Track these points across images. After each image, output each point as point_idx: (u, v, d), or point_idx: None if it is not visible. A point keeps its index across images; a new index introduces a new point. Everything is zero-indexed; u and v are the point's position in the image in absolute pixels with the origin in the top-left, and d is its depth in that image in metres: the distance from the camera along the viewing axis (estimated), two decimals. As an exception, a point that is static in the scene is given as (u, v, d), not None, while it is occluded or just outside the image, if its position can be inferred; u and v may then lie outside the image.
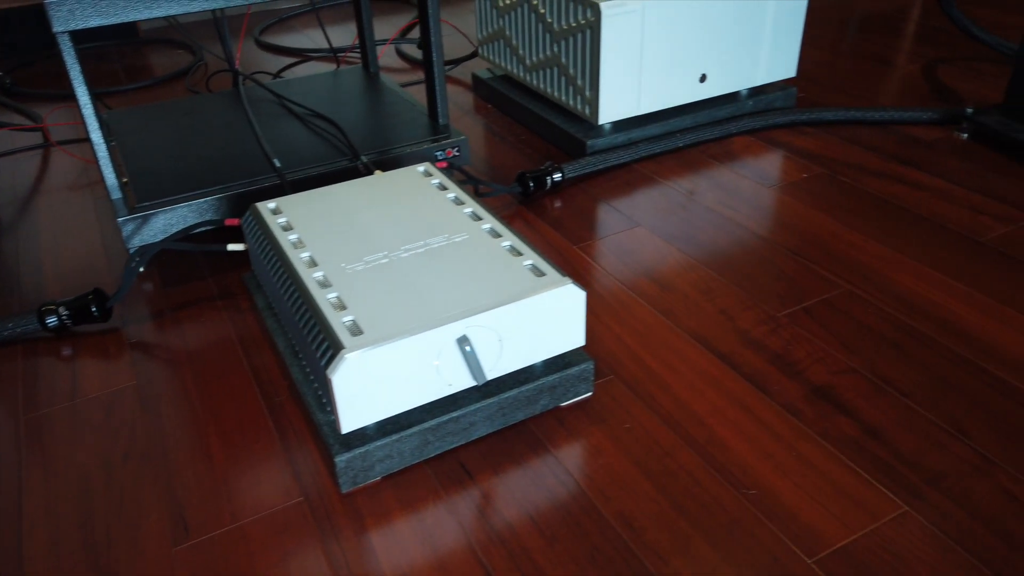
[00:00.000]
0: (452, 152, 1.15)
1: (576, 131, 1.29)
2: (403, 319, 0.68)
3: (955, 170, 1.18)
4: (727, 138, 1.34)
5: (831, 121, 1.36)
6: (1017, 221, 1.05)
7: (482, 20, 1.51)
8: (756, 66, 1.33)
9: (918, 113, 1.32)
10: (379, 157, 1.10)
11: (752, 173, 1.22)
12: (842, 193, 1.14)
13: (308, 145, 1.14)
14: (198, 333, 0.92)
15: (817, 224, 1.07)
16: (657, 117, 1.32)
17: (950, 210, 1.08)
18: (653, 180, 1.22)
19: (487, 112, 1.51)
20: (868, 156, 1.24)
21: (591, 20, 1.18)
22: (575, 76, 1.27)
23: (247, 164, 1.09)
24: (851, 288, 0.94)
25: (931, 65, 1.59)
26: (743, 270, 0.98)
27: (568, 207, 1.16)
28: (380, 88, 1.34)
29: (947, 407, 0.76)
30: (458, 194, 0.89)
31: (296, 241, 0.81)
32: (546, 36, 1.31)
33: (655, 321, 0.91)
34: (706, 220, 1.10)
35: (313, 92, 1.33)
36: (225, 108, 1.28)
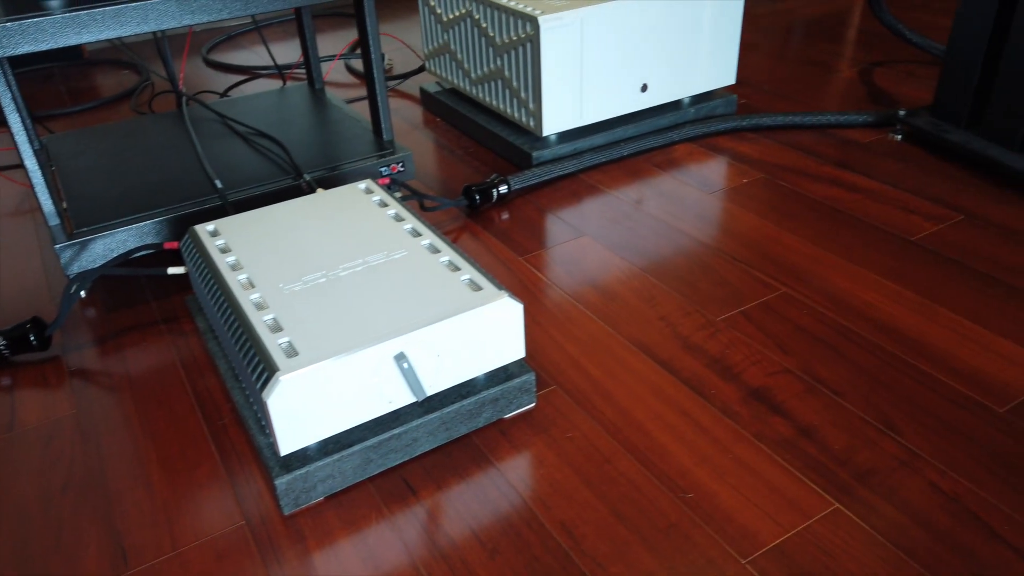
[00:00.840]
0: (397, 167, 1.15)
1: (522, 143, 1.31)
2: (339, 338, 0.68)
3: (889, 171, 1.22)
4: (670, 146, 1.36)
5: (771, 126, 1.39)
6: (946, 219, 1.08)
7: (427, 34, 1.52)
8: (696, 75, 1.36)
9: (854, 116, 1.36)
10: (323, 175, 1.10)
11: (694, 180, 1.24)
12: (781, 197, 1.17)
13: (251, 165, 1.14)
14: (140, 358, 0.91)
15: (756, 229, 1.10)
16: (601, 127, 1.34)
17: (883, 211, 1.11)
18: (598, 189, 1.24)
19: (436, 125, 1.52)
20: (807, 160, 1.27)
21: (530, 33, 1.19)
22: (518, 89, 1.28)
23: (189, 186, 1.08)
24: (788, 291, 0.96)
25: (868, 69, 1.63)
26: (684, 277, 1.00)
27: (515, 218, 1.18)
28: (325, 105, 1.34)
29: (878, 404, 0.78)
30: (398, 211, 0.90)
31: (234, 263, 0.81)
32: (489, 50, 1.33)
33: (598, 330, 0.92)
34: (650, 228, 1.12)
35: (258, 111, 1.33)
36: (168, 129, 1.27)
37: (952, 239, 1.04)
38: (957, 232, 1.05)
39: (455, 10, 1.39)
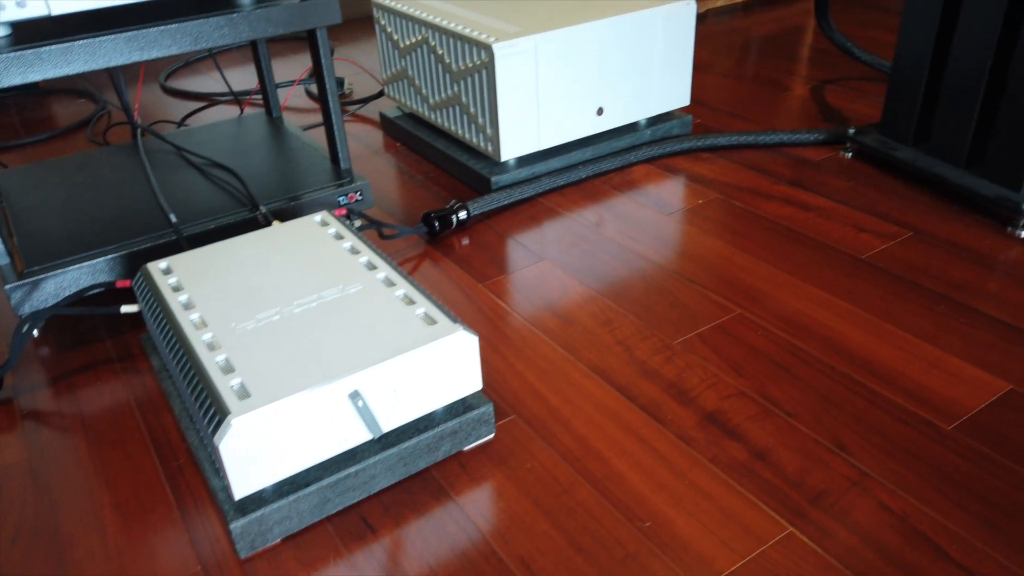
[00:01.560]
0: (355, 196, 1.15)
1: (481, 168, 1.31)
2: (292, 378, 0.68)
3: (840, 189, 1.24)
4: (627, 167, 1.38)
5: (725, 146, 1.41)
6: (895, 237, 1.11)
7: (385, 60, 1.52)
8: (650, 97, 1.38)
9: (805, 135, 1.39)
10: (280, 206, 1.10)
11: (651, 201, 1.26)
12: (735, 217, 1.19)
13: (207, 197, 1.13)
14: (94, 398, 0.90)
15: (711, 250, 1.11)
16: (559, 150, 1.35)
17: (834, 229, 1.14)
18: (557, 213, 1.25)
19: (396, 150, 1.52)
20: (760, 179, 1.30)
21: (485, 61, 1.20)
22: (476, 114, 1.29)
23: (144, 220, 1.07)
24: (742, 312, 0.97)
25: (820, 87, 1.67)
26: (641, 300, 1.01)
27: (475, 244, 1.18)
28: (282, 134, 1.33)
29: (829, 424, 0.80)
30: (354, 243, 0.90)
31: (186, 302, 0.80)
32: (445, 76, 1.33)
33: (556, 356, 0.92)
34: (607, 251, 1.13)
35: (214, 141, 1.32)
36: (123, 162, 1.26)
37: (901, 256, 1.06)
38: (906, 249, 1.07)
39: (411, 37, 1.39)
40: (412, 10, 1.38)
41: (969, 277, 1.01)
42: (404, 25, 1.40)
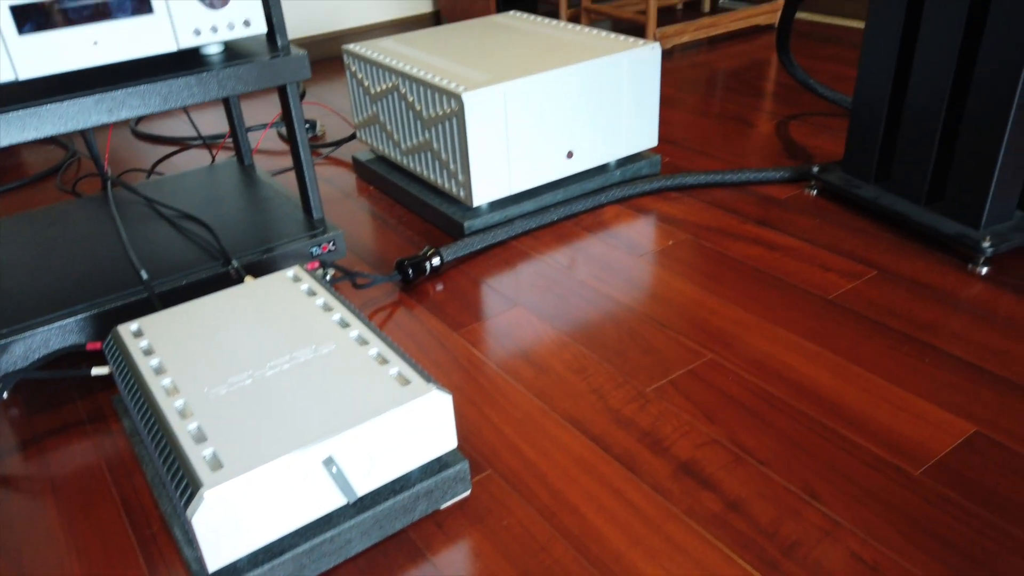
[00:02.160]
0: (328, 247, 1.16)
1: (453, 213, 1.32)
2: (265, 445, 0.68)
3: (806, 228, 1.27)
4: (598, 208, 1.39)
5: (694, 185, 1.44)
6: (861, 276, 1.13)
7: (356, 105, 1.53)
8: (619, 140, 1.40)
9: (771, 173, 1.42)
10: (253, 259, 1.10)
11: (622, 243, 1.27)
12: (705, 259, 1.21)
13: (178, 251, 1.13)
14: (65, 462, 0.89)
15: (682, 293, 1.13)
16: (531, 193, 1.36)
17: (801, 269, 1.16)
18: (530, 256, 1.26)
19: (369, 194, 1.53)
20: (728, 219, 1.32)
21: (455, 109, 1.22)
22: (447, 160, 1.30)
23: (115, 276, 1.06)
24: (714, 356, 0.99)
25: (784, 122, 1.70)
26: (614, 346, 1.02)
27: (449, 290, 1.19)
28: (254, 182, 1.34)
29: (800, 472, 0.81)
30: (327, 299, 0.90)
31: (157, 367, 0.80)
32: (417, 123, 1.35)
33: (531, 406, 0.93)
34: (580, 295, 1.14)
35: (186, 191, 1.32)
36: (93, 215, 1.25)
37: (867, 296, 1.08)
38: (872, 288, 1.10)
39: (382, 84, 1.41)
40: (382, 57, 1.40)
41: (933, 316, 1.03)
42: (374, 72, 1.42)
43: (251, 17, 0.99)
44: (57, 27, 0.88)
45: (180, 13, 0.94)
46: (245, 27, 0.99)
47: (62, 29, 0.88)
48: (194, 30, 0.96)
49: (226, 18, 0.97)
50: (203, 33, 0.97)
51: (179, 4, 0.94)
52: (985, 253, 1.09)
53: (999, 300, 1.05)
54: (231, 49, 1.05)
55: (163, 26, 0.94)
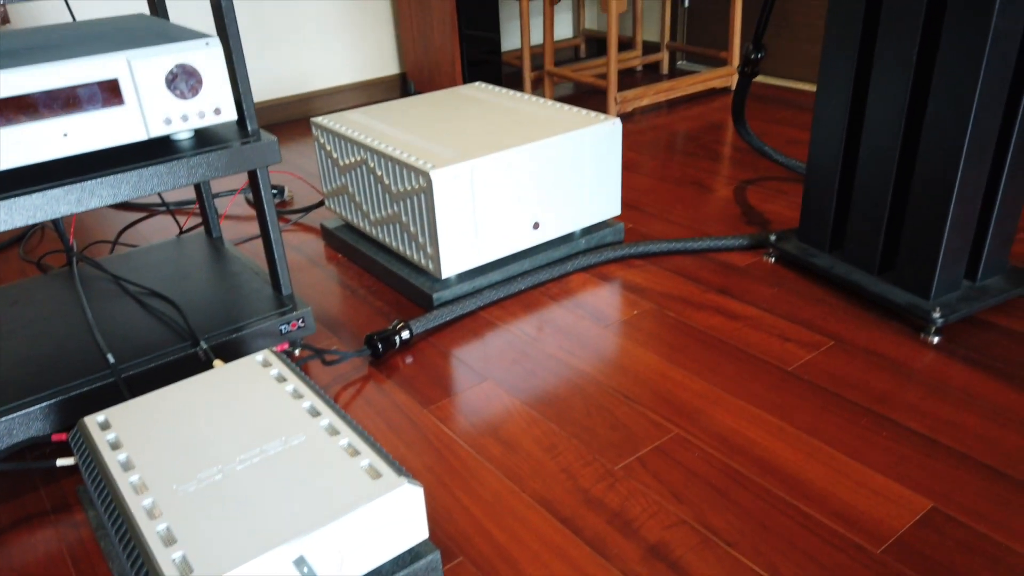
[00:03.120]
0: (297, 324, 1.16)
1: (422, 283, 1.34)
2: (235, 547, 0.68)
3: (765, 297, 1.31)
4: (564, 277, 1.42)
5: (656, 253, 1.47)
6: (818, 346, 1.17)
7: (324, 175, 1.55)
8: (583, 210, 1.44)
9: (730, 241, 1.46)
10: (222, 338, 1.10)
11: (588, 313, 1.30)
12: (669, 329, 1.24)
13: (146, 331, 1.12)
14: (27, 555, 0.87)
15: (647, 364, 1.15)
16: (498, 263, 1.39)
17: (762, 339, 1.19)
18: (498, 326, 1.28)
19: (337, 262, 1.54)
20: (690, 287, 1.35)
21: (424, 186, 1.24)
22: (416, 233, 1.32)
23: (82, 359, 1.06)
24: (679, 432, 1.01)
25: (742, 187, 1.76)
26: (582, 421, 1.04)
27: (418, 363, 1.20)
28: (222, 257, 1.34)
29: (766, 552, 0.82)
30: (296, 385, 0.91)
31: (125, 462, 0.80)
32: (385, 196, 1.37)
33: (502, 487, 0.94)
34: (548, 368, 1.16)
35: (152, 266, 1.32)
36: (58, 293, 1.24)
37: (825, 367, 1.12)
38: (829, 359, 1.13)
39: (350, 157, 1.43)
40: (350, 132, 1.43)
41: (888, 388, 1.07)
42: (343, 145, 1.44)
43: (221, 105, 1.01)
44: (27, 120, 0.89)
45: (151, 104, 0.96)
46: (216, 115, 1.01)
47: (32, 123, 0.89)
48: (165, 119, 0.98)
49: (197, 107, 0.99)
50: (174, 122, 0.98)
51: (150, 95, 0.95)
52: (936, 323, 1.14)
53: (950, 370, 1.09)
54: (201, 134, 1.06)
55: (134, 117, 0.95)
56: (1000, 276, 1.23)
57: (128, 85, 0.94)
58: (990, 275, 1.23)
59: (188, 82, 0.97)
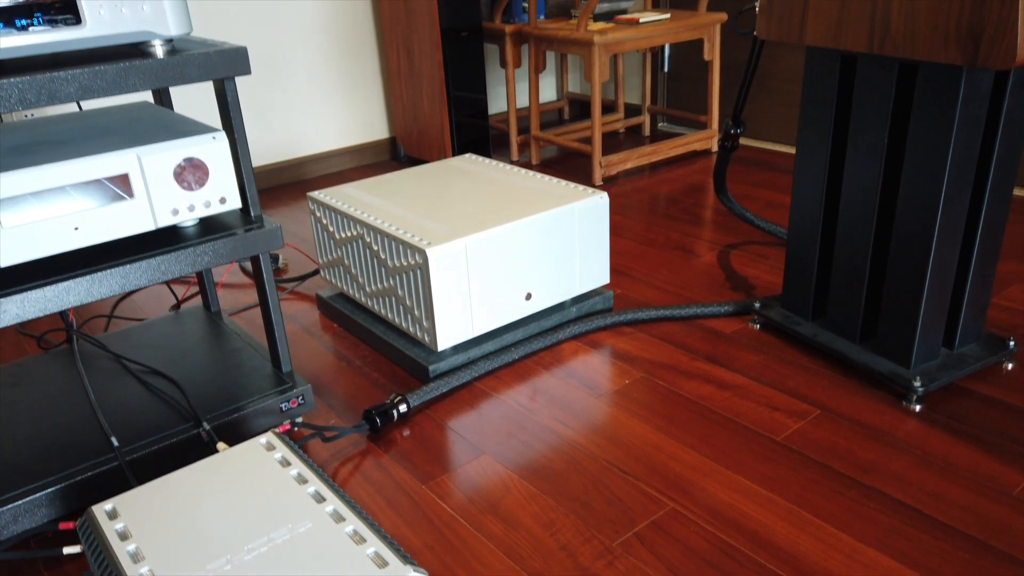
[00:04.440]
0: (297, 402, 1.18)
1: (418, 355, 1.37)
2: (249, 644, 0.69)
3: (752, 364, 1.35)
4: (556, 345, 1.46)
5: (645, 320, 1.51)
6: (805, 415, 1.20)
7: (320, 247, 1.59)
8: (573, 280, 1.48)
9: (716, 308, 1.51)
10: (224, 418, 1.12)
11: (581, 382, 1.33)
12: (660, 399, 1.27)
13: (148, 411, 1.14)
14: (32, 650, 0.88)
15: (640, 436, 1.18)
16: (491, 334, 1.42)
17: (750, 409, 1.23)
18: (492, 396, 1.31)
19: (333, 332, 1.57)
20: (679, 355, 1.39)
21: (420, 262, 1.28)
22: (412, 307, 1.36)
23: (85, 441, 1.07)
24: (675, 506, 1.04)
25: (725, 251, 1.82)
26: (579, 496, 1.06)
27: (416, 437, 1.22)
28: (221, 332, 1.36)
29: (763, 630, 0.85)
30: (300, 469, 0.93)
31: (134, 553, 0.81)
32: (381, 270, 1.40)
33: (503, 567, 0.96)
34: (544, 441, 1.19)
35: (152, 343, 1.34)
36: (59, 373, 1.26)
37: (813, 437, 1.15)
38: (816, 429, 1.17)
39: (346, 231, 1.47)
40: (346, 207, 1.47)
41: (874, 457, 1.10)
42: (339, 220, 1.48)
43: (227, 195, 1.05)
44: (40, 216, 0.92)
45: (159, 196, 1.00)
46: (221, 204, 1.05)
47: (45, 218, 0.92)
48: (172, 210, 1.01)
49: (203, 197, 1.03)
50: (181, 212, 1.02)
51: (158, 188, 0.99)
52: (917, 392, 1.18)
53: (933, 439, 1.13)
54: (205, 220, 1.10)
55: (142, 209, 0.99)
56: (976, 343, 1.28)
57: (138, 179, 0.98)
58: (967, 343, 1.27)
59: (195, 174, 1.01)
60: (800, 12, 1.21)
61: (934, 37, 1.03)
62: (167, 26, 0.96)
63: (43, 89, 0.87)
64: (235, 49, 0.99)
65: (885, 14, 1.08)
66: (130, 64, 0.92)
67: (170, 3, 0.95)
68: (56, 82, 0.87)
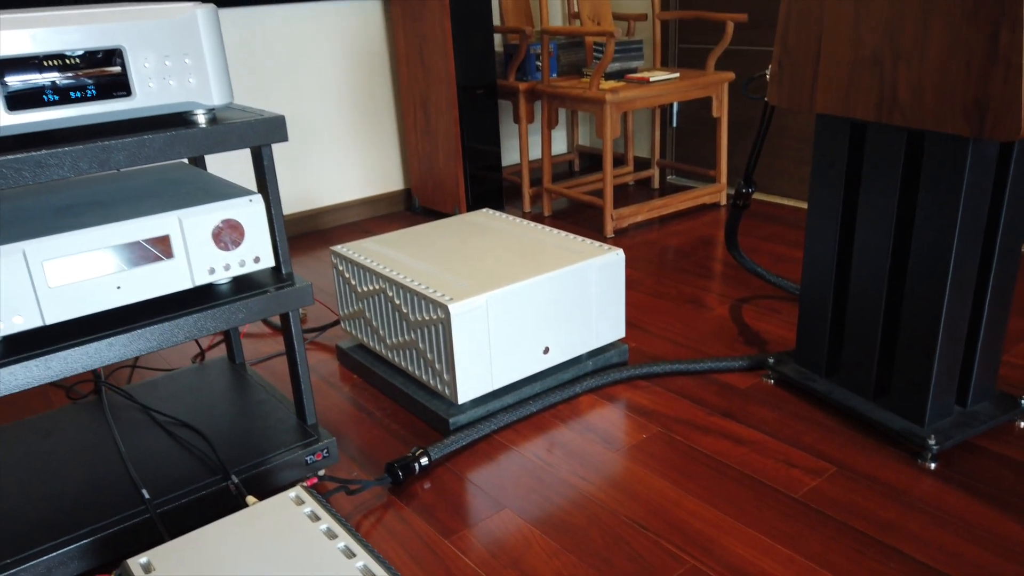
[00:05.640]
0: (322, 455, 1.21)
1: (438, 408, 1.39)
2: None
3: (767, 420, 1.37)
4: (573, 398, 1.48)
5: (660, 374, 1.54)
6: (822, 472, 1.22)
7: (342, 300, 1.63)
8: (590, 334, 1.51)
9: (731, 362, 1.53)
10: (251, 471, 1.14)
11: (598, 436, 1.35)
12: (677, 454, 1.29)
13: (177, 463, 1.16)
14: None
15: (659, 492, 1.20)
16: (510, 387, 1.45)
17: (768, 465, 1.25)
18: (511, 449, 1.33)
19: (353, 383, 1.59)
20: (695, 410, 1.42)
21: (442, 317, 1.32)
22: (433, 360, 1.39)
23: (116, 494, 1.09)
24: (695, 563, 1.05)
25: (737, 305, 1.85)
26: (601, 552, 1.08)
27: (437, 489, 1.24)
28: (246, 384, 1.39)
29: None
30: (330, 524, 0.95)
31: (172, 609, 0.83)
32: (403, 323, 1.44)
33: (527, 623, 0.97)
34: (563, 495, 1.20)
35: (178, 394, 1.36)
36: (87, 424, 1.28)
37: (830, 495, 1.17)
38: (834, 487, 1.18)
39: (368, 285, 1.51)
40: (369, 261, 1.51)
41: (892, 516, 1.12)
42: (361, 274, 1.52)
43: (261, 254, 1.09)
44: (84, 277, 0.96)
45: (197, 255, 1.04)
46: (255, 263, 1.09)
47: (88, 279, 0.96)
48: (209, 269, 1.05)
49: (239, 256, 1.07)
50: (217, 271, 1.06)
51: (197, 248, 1.03)
52: (932, 450, 1.20)
53: (949, 497, 1.15)
54: (238, 278, 1.14)
55: (181, 268, 1.03)
56: (988, 401, 1.30)
57: (178, 240, 1.02)
58: (979, 401, 1.30)
59: (232, 235, 1.05)
60: (810, 81, 1.26)
61: (941, 109, 1.08)
62: (211, 96, 1.01)
63: (95, 158, 0.91)
64: (274, 118, 1.04)
65: (893, 86, 1.13)
66: (176, 133, 0.97)
67: (214, 75, 1.00)
68: (107, 151, 0.92)
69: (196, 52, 0.98)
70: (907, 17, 1.10)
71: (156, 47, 0.95)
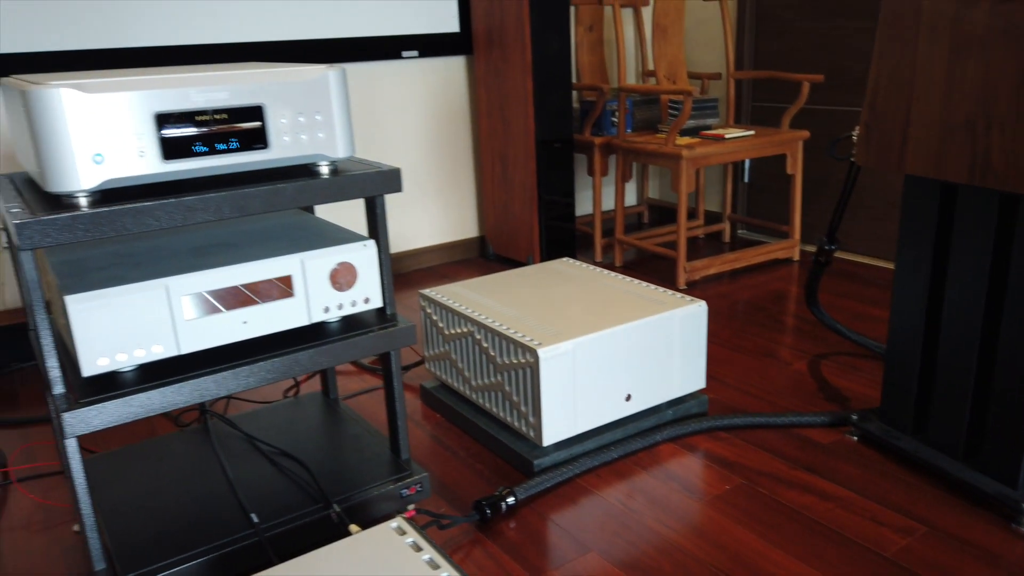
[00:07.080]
0: (415, 489, 1.25)
1: (522, 449, 1.43)
2: None
3: (852, 476, 1.37)
4: (653, 447, 1.50)
5: (741, 426, 1.55)
6: (912, 532, 1.21)
7: (428, 340, 1.69)
8: (671, 383, 1.54)
9: (812, 418, 1.54)
10: (350, 501, 1.20)
11: (680, 484, 1.37)
12: (761, 506, 1.30)
13: (280, 490, 1.23)
14: None
15: (745, 543, 1.21)
16: (592, 433, 1.48)
17: (855, 522, 1.24)
18: (593, 494, 1.35)
19: (436, 423, 1.65)
20: (777, 463, 1.42)
21: (531, 361, 1.36)
22: (519, 403, 1.43)
23: (225, 517, 1.16)
24: (785, 615, 1.05)
25: (815, 361, 1.85)
26: (689, 600, 1.09)
27: (522, 530, 1.27)
28: (341, 419, 1.46)
29: None
30: (433, 555, 0.99)
31: (289, 627, 0.88)
32: (489, 366, 1.49)
33: (618, 665, 0.98)
34: (648, 542, 1.22)
35: (278, 425, 1.44)
36: (195, 450, 1.36)
37: (921, 555, 1.16)
38: (925, 547, 1.18)
39: (456, 327, 1.57)
40: (457, 305, 1.57)
41: (985, 578, 1.10)
42: (449, 317, 1.58)
43: (371, 295, 1.16)
44: (217, 312, 1.04)
45: (315, 295, 1.11)
46: (365, 304, 1.16)
47: (220, 314, 1.04)
48: (324, 308, 1.12)
49: (351, 297, 1.14)
50: (331, 310, 1.13)
51: (315, 288, 1.11)
52: (1025, 514, 1.18)
53: (1045, 562, 1.13)
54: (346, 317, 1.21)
55: (300, 306, 1.10)
56: (1084, 467, 1.28)
57: (299, 280, 1.10)
58: (1074, 466, 1.27)
59: (347, 277, 1.13)
60: (899, 143, 1.29)
61: (1036, 173, 1.10)
62: (336, 149, 1.09)
63: (236, 204, 1.00)
64: (391, 171, 1.12)
65: (986, 151, 1.16)
66: (306, 183, 1.05)
67: (340, 131, 1.09)
68: (246, 198, 1.01)
69: (326, 110, 1.07)
70: (1001, 84, 1.13)
71: (292, 105, 1.04)
